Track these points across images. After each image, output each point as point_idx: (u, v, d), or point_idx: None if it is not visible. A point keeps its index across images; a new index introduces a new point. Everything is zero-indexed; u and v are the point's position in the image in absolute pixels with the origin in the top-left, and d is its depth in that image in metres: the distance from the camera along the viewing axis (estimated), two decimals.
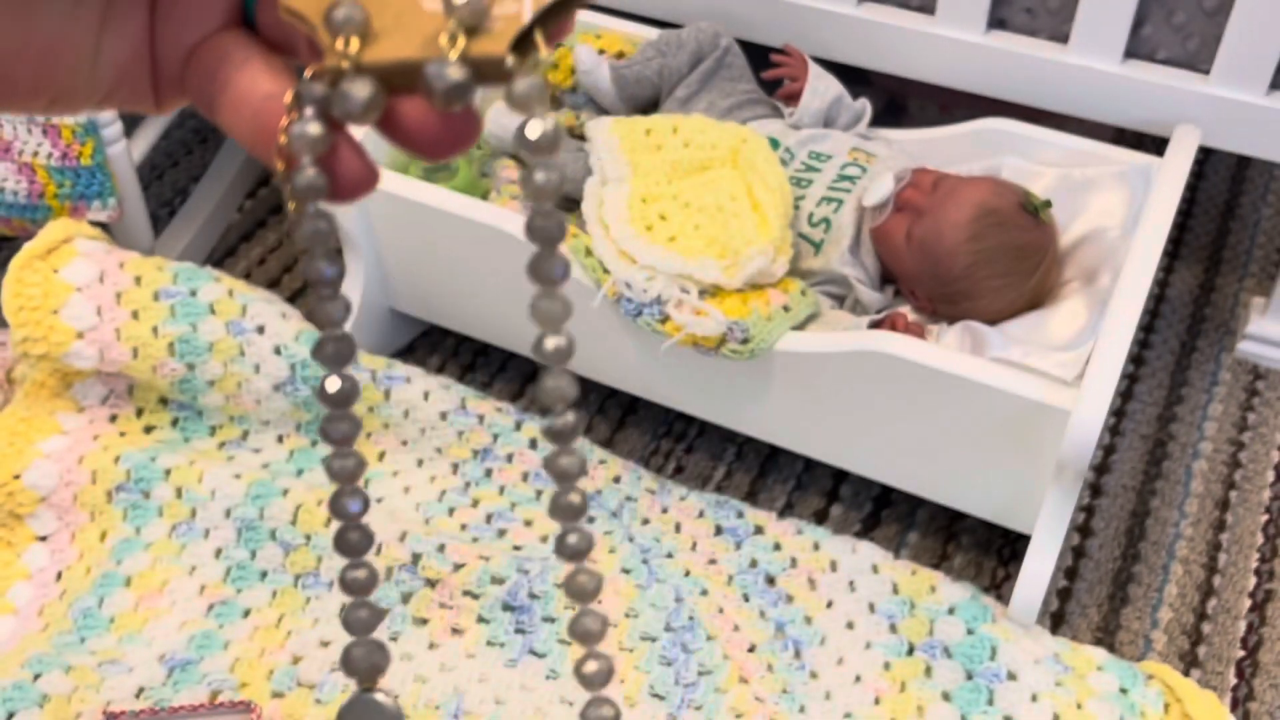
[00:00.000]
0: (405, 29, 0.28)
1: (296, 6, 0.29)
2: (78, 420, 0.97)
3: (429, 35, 0.27)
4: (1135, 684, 0.85)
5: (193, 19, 0.30)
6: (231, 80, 0.29)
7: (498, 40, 0.27)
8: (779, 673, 0.88)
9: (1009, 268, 0.99)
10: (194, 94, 0.30)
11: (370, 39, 0.28)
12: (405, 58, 0.28)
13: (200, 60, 0.30)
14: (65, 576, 0.93)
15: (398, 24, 0.28)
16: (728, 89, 1.13)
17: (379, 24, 0.28)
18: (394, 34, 0.28)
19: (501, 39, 0.27)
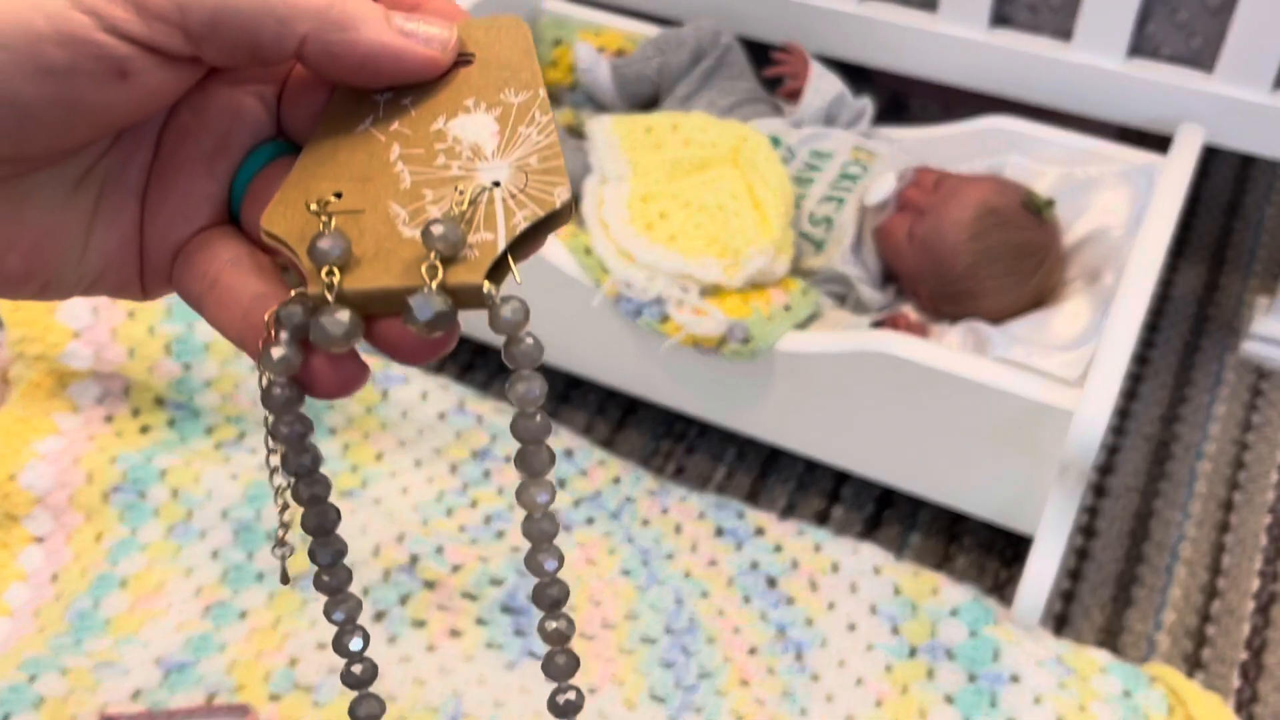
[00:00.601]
0: (385, 256, 0.29)
1: (277, 232, 0.30)
2: (74, 421, 0.97)
3: (408, 262, 0.28)
4: (1139, 686, 0.85)
5: (181, 215, 0.31)
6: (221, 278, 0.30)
7: (474, 269, 0.28)
8: (780, 675, 0.88)
9: (1011, 267, 0.99)
10: (181, 288, 0.31)
11: (351, 267, 0.29)
12: (386, 286, 0.28)
13: (189, 256, 0.31)
14: (61, 578, 0.92)
15: (378, 250, 0.29)
16: (728, 87, 1.12)
17: (359, 250, 0.29)
18: (374, 261, 0.29)
19: (478, 267, 0.28)
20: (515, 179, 0.30)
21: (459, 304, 0.28)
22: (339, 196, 0.30)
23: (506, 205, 0.29)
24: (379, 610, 0.90)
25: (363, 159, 0.31)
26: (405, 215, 0.29)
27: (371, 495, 0.97)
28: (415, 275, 0.28)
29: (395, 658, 0.88)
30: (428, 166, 0.30)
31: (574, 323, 1.01)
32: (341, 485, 0.97)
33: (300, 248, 0.29)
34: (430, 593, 0.91)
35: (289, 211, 0.30)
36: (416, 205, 0.29)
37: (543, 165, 0.30)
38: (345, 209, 0.30)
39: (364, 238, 0.29)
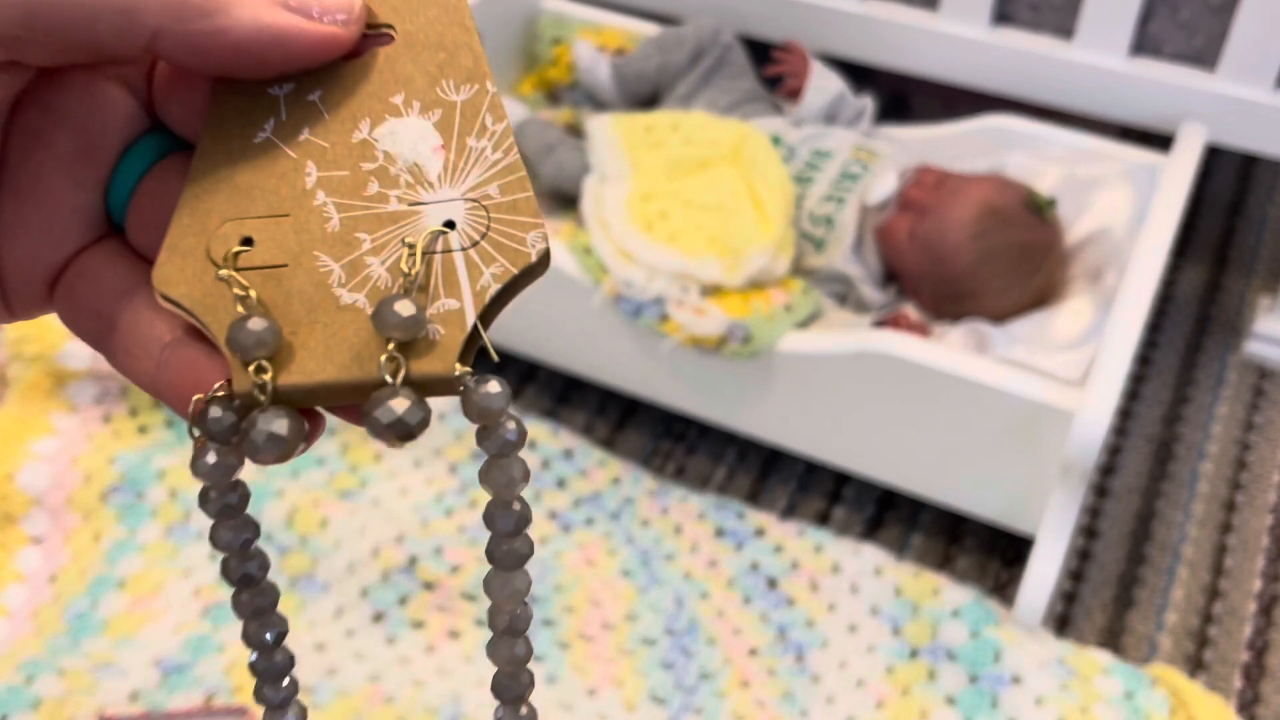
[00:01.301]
0: (324, 333, 0.23)
1: (176, 296, 0.24)
2: (71, 421, 0.96)
3: (355, 345, 0.23)
4: (1141, 688, 0.84)
5: (46, 238, 0.26)
6: (120, 321, 0.25)
7: (443, 354, 0.23)
8: (780, 677, 0.88)
9: (1013, 267, 0.98)
10: (69, 323, 0.26)
11: (283, 351, 0.23)
12: (333, 380, 0.23)
13: (71, 287, 0.26)
14: (59, 579, 0.92)
15: (313, 324, 0.23)
16: (729, 86, 1.12)
17: (289, 324, 0.23)
18: (312, 340, 0.23)
19: (446, 352, 0.23)
20: (473, 219, 0.24)
21: (424, 394, 0.23)
22: (249, 243, 0.24)
23: (470, 260, 0.24)
24: (378, 611, 0.90)
25: (271, 184, 0.24)
26: (340, 273, 0.23)
27: (370, 496, 0.97)
28: (367, 362, 0.23)
29: (394, 659, 0.88)
30: (357, 197, 0.24)
31: (574, 323, 1.00)
32: (340, 486, 0.97)
33: (211, 321, 0.23)
34: (429, 594, 0.91)
35: (186, 265, 0.24)
36: (352, 257, 0.24)
37: (506, 197, 0.24)
38: (262, 263, 0.24)
39: (291, 303, 0.23)
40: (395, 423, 0.22)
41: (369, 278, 0.24)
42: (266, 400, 0.23)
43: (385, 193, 0.24)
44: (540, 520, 0.96)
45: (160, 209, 0.25)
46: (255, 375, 0.23)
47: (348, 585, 0.91)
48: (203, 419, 0.23)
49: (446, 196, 0.24)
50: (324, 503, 0.95)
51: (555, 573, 0.92)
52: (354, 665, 0.87)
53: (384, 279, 0.24)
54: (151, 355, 0.24)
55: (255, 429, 0.23)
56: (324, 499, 0.95)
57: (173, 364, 0.24)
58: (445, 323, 0.23)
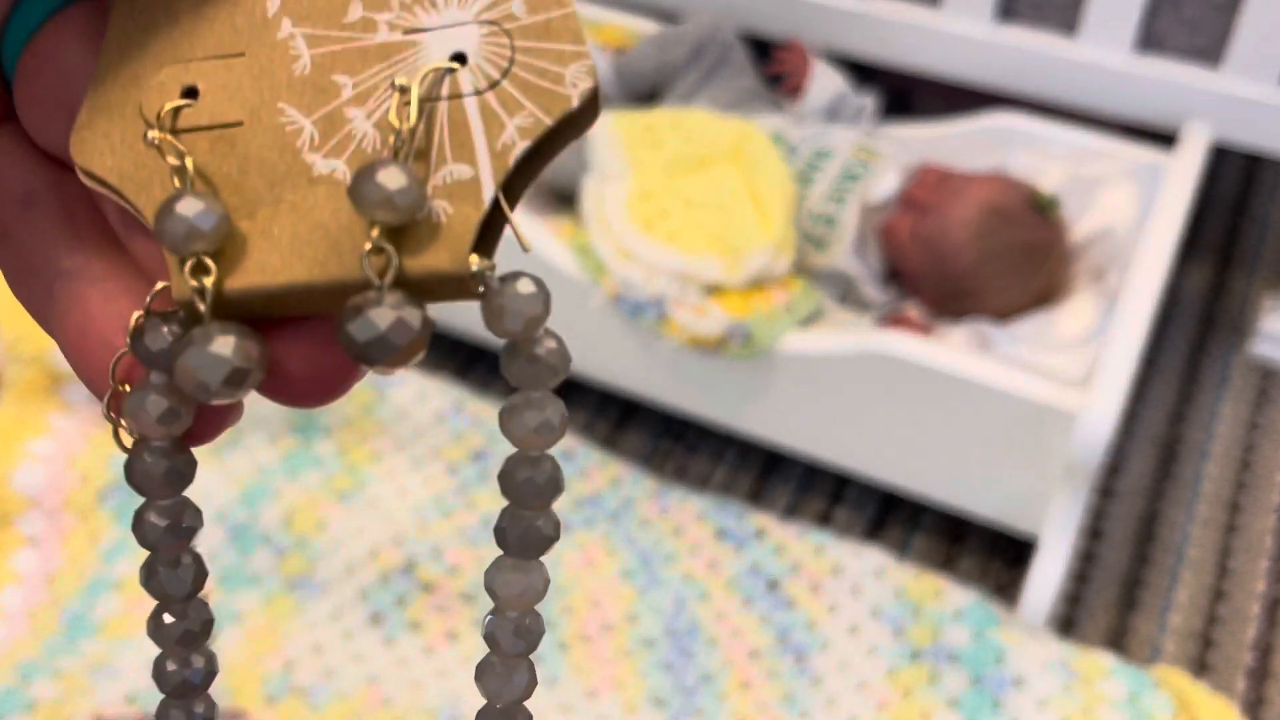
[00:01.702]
0: (290, 216, 0.17)
1: (98, 170, 0.18)
2: (68, 421, 0.96)
3: (331, 229, 0.17)
4: (1145, 689, 0.84)
5: None
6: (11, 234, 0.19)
7: (451, 242, 0.17)
8: (781, 679, 0.87)
9: (1016, 266, 0.98)
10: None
11: (235, 242, 0.17)
12: (297, 281, 0.17)
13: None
14: (55, 580, 0.91)
15: (275, 202, 0.17)
16: (729, 85, 1.11)
17: (242, 204, 0.17)
18: (272, 228, 0.17)
19: (455, 238, 0.17)
20: (491, 50, 0.18)
21: (428, 299, 0.17)
22: (193, 95, 0.18)
23: (487, 107, 0.17)
24: (376, 613, 0.90)
25: (221, 13, 0.18)
26: (312, 131, 0.18)
27: (368, 497, 0.96)
28: (348, 255, 0.17)
29: (392, 661, 0.87)
30: (334, 25, 0.18)
31: (573, 323, 1.00)
32: (338, 486, 0.96)
33: (145, 203, 0.18)
34: (428, 595, 0.90)
35: (114, 126, 0.18)
36: (328, 109, 0.18)
37: (536, 16, 0.18)
38: (209, 121, 0.18)
39: (247, 175, 0.18)
40: (375, 340, 0.16)
41: (350, 137, 0.18)
42: (206, 312, 0.17)
43: (371, 18, 0.18)
44: None
45: (58, 71, 0.19)
46: (192, 277, 0.17)
47: (346, 587, 0.91)
48: (137, 343, 0.17)
49: (454, 19, 0.18)
50: (322, 504, 0.94)
51: (555, 573, 0.91)
52: (352, 667, 0.87)
53: (371, 138, 0.18)
54: (47, 288, 0.18)
55: (189, 351, 0.16)
56: (322, 500, 0.95)
57: (67, 300, 0.18)
58: (454, 198, 0.17)
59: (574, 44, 0.18)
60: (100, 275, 0.18)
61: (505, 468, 0.19)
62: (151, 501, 0.18)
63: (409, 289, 0.17)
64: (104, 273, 0.18)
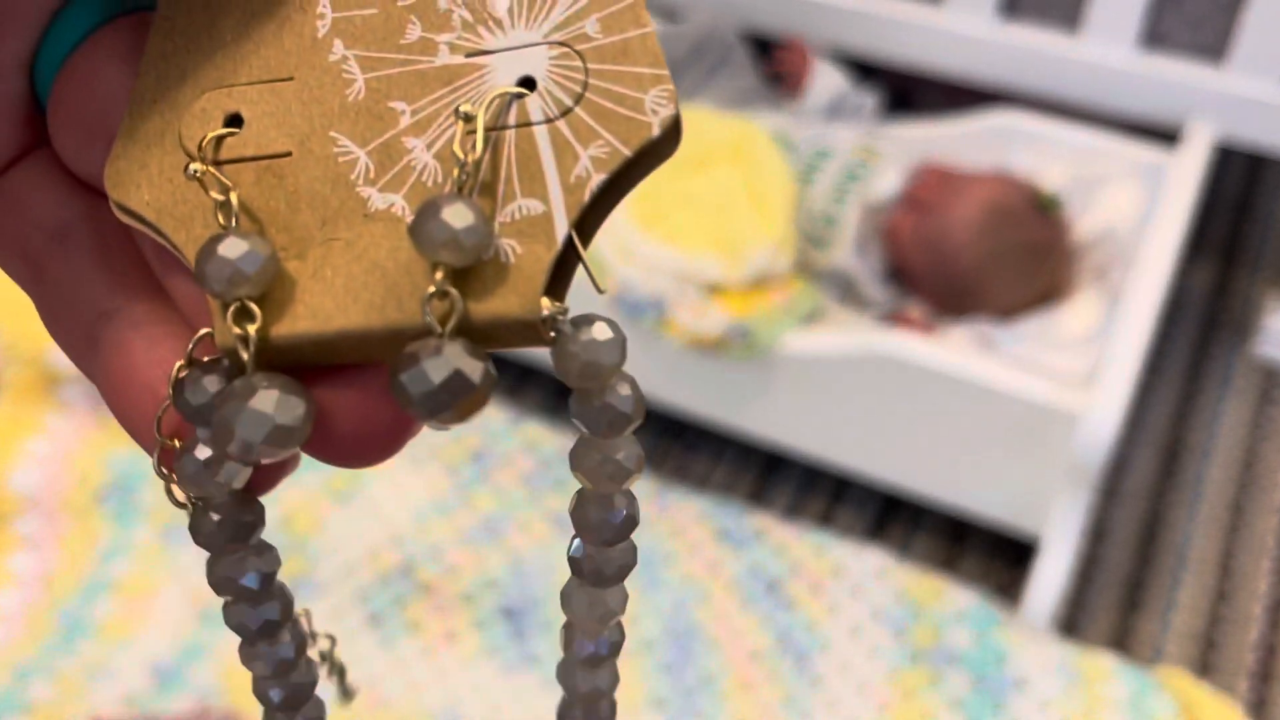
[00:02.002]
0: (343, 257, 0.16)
1: (135, 206, 0.17)
2: (64, 422, 0.96)
3: (389, 271, 0.16)
4: (1148, 691, 0.83)
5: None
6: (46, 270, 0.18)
7: (520, 285, 0.16)
8: (782, 680, 0.87)
9: (1018, 266, 0.98)
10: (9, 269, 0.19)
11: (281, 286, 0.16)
12: (355, 327, 0.16)
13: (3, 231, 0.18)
14: (52, 581, 0.91)
15: (327, 242, 0.16)
16: (730, 84, 1.11)
17: (291, 244, 0.16)
18: (324, 270, 0.16)
19: (527, 280, 0.16)
20: (563, 74, 0.16)
21: (493, 346, 0.16)
22: (237, 123, 0.17)
23: (558, 137, 0.16)
24: (374, 614, 0.89)
25: (268, 33, 0.17)
26: (367, 163, 0.16)
27: (367, 498, 0.96)
28: (408, 300, 0.16)
29: (391, 663, 0.87)
30: (391, 47, 0.17)
31: None
32: (337, 487, 0.96)
33: (184, 241, 0.16)
34: (427, 596, 0.90)
35: (151, 157, 0.17)
36: (384, 138, 0.16)
37: (612, 37, 0.16)
38: (255, 151, 0.17)
39: (297, 210, 0.16)
40: (430, 394, 0.15)
41: (410, 169, 0.16)
42: (249, 362, 0.16)
43: (431, 39, 0.17)
44: (539, 521, 0.96)
45: (95, 95, 0.17)
46: (235, 324, 0.16)
47: (344, 587, 0.90)
48: (179, 397, 0.16)
49: (521, 40, 0.16)
50: (320, 504, 0.94)
51: (554, 574, 0.91)
52: (350, 668, 0.87)
53: (432, 170, 0.16)
54: (82, 325, 0.17)
55: (229, 406, 0.15)
56: (320, 500, 0.94)
57: (109, 346, 0.17)
58: (523, 236, 0.16)
59: (653, 67, 0.16)
60: (142, 319, 0.17)
61: (577, 505, 0.18)
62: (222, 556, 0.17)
63: (473, 335, 0.16)
64: (146, 315, 0.17)
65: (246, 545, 0.18)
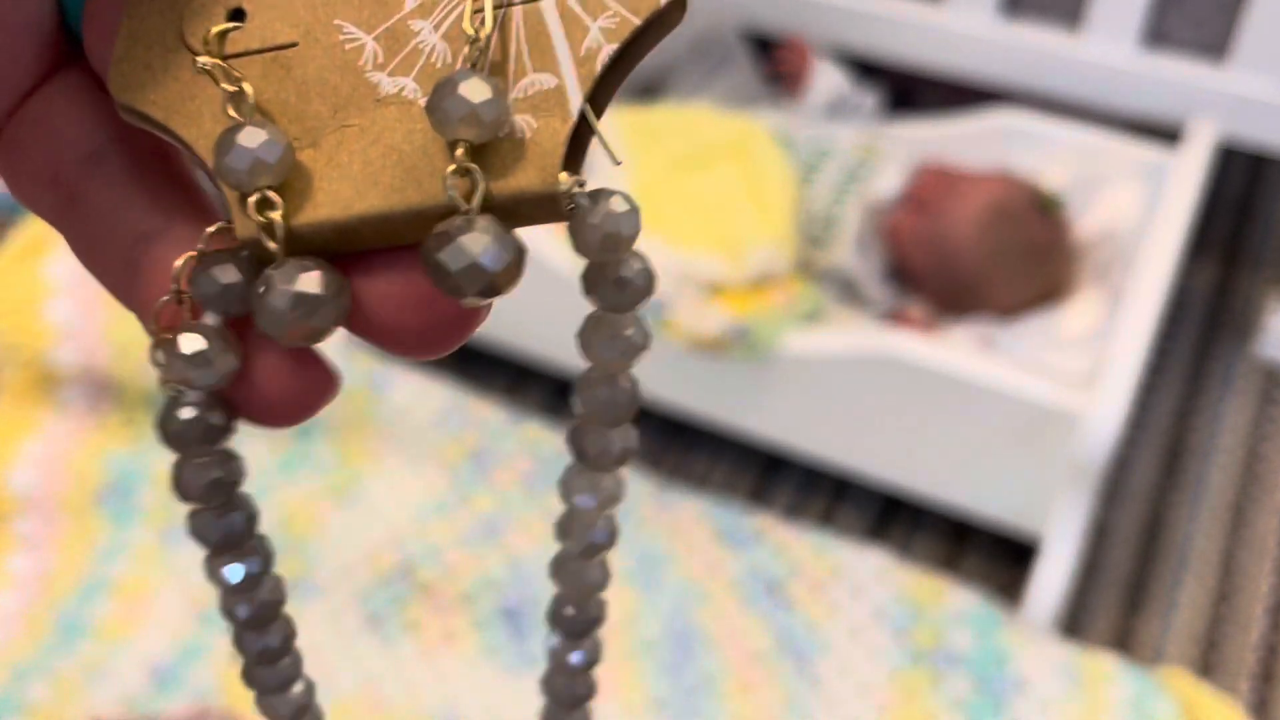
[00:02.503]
0: (359, 141, 0.16)
1: (140, 105, 0.16)
2: (62, 422, 0.96)
3: (405, 152, 0.16)
4: (1150, 691, 0.83)
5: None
6: (82, 196, 0.17)
7: (539, 158, 0.16)
8: (782, 681, 0.86)
9: (1020, 265, 0.98)
10: (18, 191, 0.18)
11: (299, 174, 0.16)
12: (376, 210, 0.16)
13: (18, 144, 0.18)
14: (49, 582, 0.91)
15: (341, 127, 0.16)
16: (730, 84, 1.11)
17: (304, 131, 0.16)
18: (340, 153, 0.16)
19: (544, 154, 0.16)
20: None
21: (513, 223, 0.16)
22: (239, 17, 0.17)
23: (566, 9, 0.16)
24: (373, 614, 0.89)
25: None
26: (374, 49, 0.16)
27: (366, 498, 0.96)
28: (427, 180, 0.16)
29: (390, 663, 0.87)
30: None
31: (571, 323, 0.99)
32: (335, 487, 0.96)
33: (195, 136, 0.16)
34: (426, 597, 0.90)
35: (154, 56, 0.16)
36: (390, 22, 0.16)
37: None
38: (260, 44, 0.16)
39: (307, 100, 0.16)
40: (469, 268, 0.15)
41: (418, 51, 0.16)
42: (280, 249, 0.16)
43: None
44: (538, 521, 0.95)
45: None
46: (258, 213, 0.16)
47: (343, 588, 0.90)
48: (197, 284, 0.16)
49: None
50: (319, 505, 0.94)
51: None
52: (349, 669, 0.86)
53: (441, 51, 0.16)
54: (120, 252, 0.17)
55: (272, 293, 0.15)
56: (319, 501, 0.94)
57: (147, 263, 0.17)
58: (537, 111, 0.16)
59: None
60: (185, 237, 0.17)
61: (583, 383, 0.18)
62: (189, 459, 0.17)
63: (494, 212, 0.16)
64: (189, 234, 0.17)
65: (213, 449, 0.17)
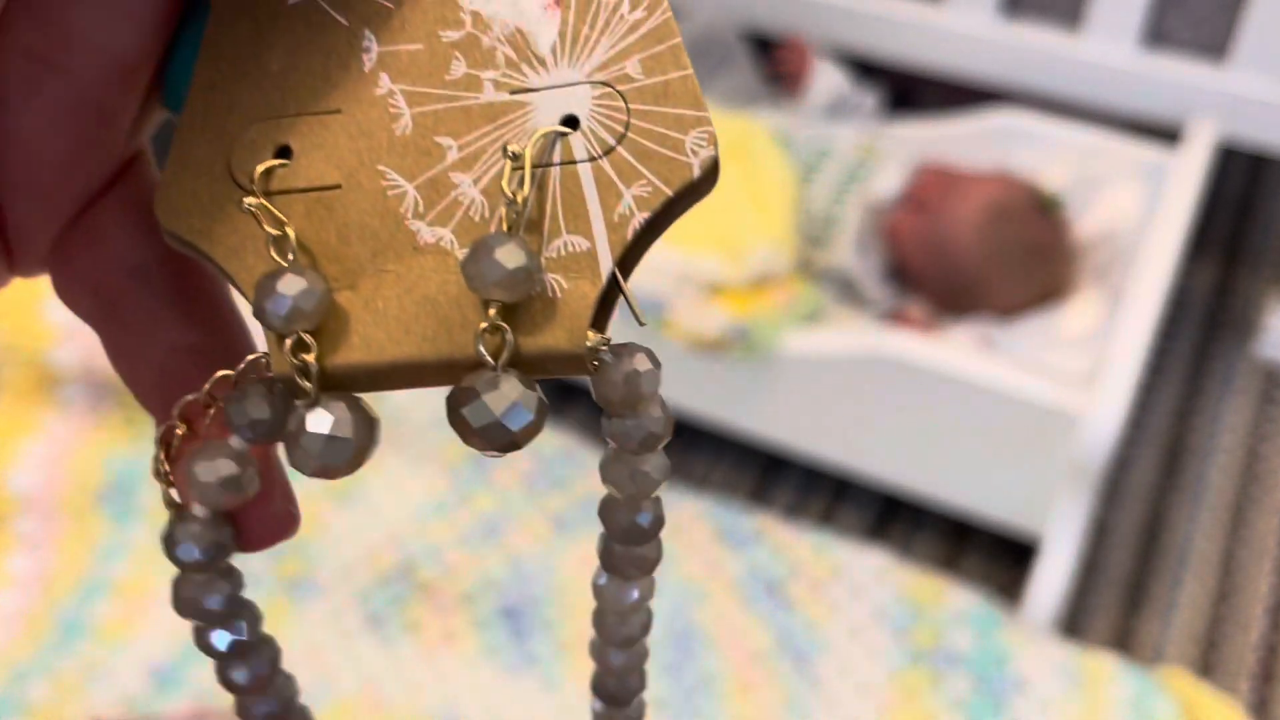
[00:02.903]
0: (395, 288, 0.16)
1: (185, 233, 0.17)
2: (62, 422, 0.96)
3: (440, 303, 0.16)
4: (1149, 692, 0.83)
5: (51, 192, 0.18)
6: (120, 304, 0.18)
7: (568, 322, 0.16)
8: (782, 681, 0.86)
9: (1019, 265, 0.97)
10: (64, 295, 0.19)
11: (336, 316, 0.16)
12: (408, 358, 0.17)
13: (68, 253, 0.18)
14: (49, 582, 0.91)
15: (378, 273, 0.16)
16: (730, 84, 1.11)
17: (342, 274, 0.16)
18: (377, 298, 0.16)
19: (572, 318, 0.16)
20: (605, 113, 0.17)
21: (538, 375, 0.17)
22: (286, 154, 0.17)
23: (602, 176, 0.17)
24: (373, 614, 0.89)
25: (315, 66, 0.17)
26: (415, 197, 0.17)
27: (366, 498, 0.96)
28: (459, 331, 0.16)
29: (390, 663, 0.87)
30: (436, 83, 0.17)
31: None
32: (336, 487, 0.96)
33: (237, 269, 0.17)
34: (426, 597, 0.90)
35: (200, 185, 0.17)
36: (432, 173, 0.17)
37: (653, 78, 0.17)
38: (306, 183, 0.17)
39: (348, 244, 0.17)
40: (490, 426, 0.16)
41: (457, 203, 0.17)
42: (313, 388, 0.16)
43: (476, 75, 0.17)
44: (539, 521, 0.95)
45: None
46: (293, 355, 0.16)
47: (343, 588, 0.90)
48: (231, 411, 0.17)
49: (564, 79, 0.17)
50: (319, 505, 0.94)
51: (554, 574, 0.91)
52: (349, 669, 0.86)
53: (479, 205, 0.17)
54: (152, 363, 0.18)
55: (304, 433, 0.16)
56: (319, 501, 0.94)
57: (177, 379, 0.17)
58: (568, 271, 0.16)
59: (694, 108, 0.17)
60: (216, 354, 0.18)
61: (605, 509, 0.18)
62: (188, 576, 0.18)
63: (522, 366, 0.16)
64: (221, 352, 0.18)
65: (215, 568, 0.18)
